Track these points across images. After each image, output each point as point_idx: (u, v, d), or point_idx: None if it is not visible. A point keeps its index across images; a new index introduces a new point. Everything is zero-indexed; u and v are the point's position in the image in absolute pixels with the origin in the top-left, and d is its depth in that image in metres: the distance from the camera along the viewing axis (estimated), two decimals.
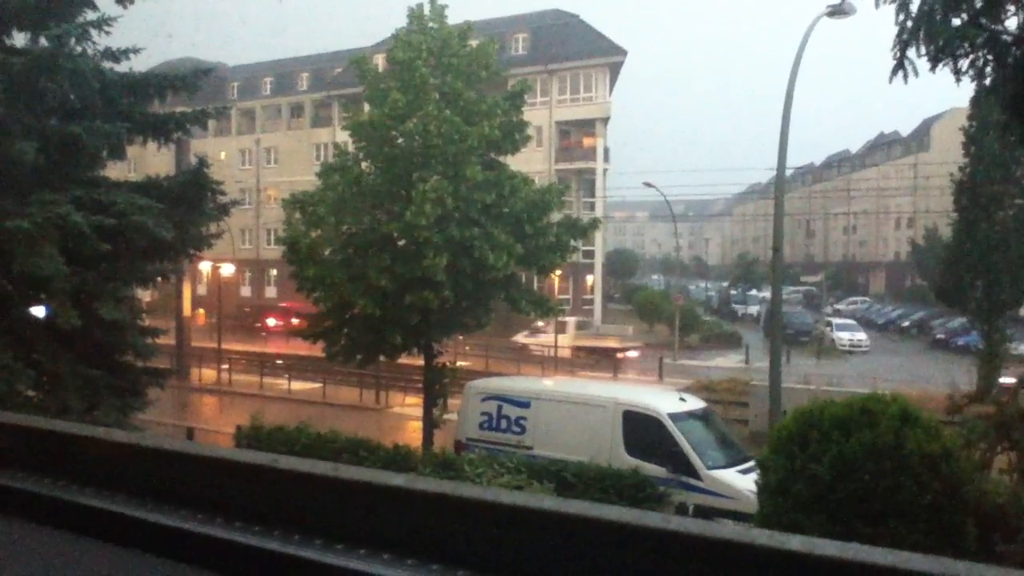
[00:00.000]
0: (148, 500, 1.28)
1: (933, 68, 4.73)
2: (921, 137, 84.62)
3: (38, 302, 13.69)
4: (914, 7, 4.75)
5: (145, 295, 23.94)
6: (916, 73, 4.82)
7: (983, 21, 4.64)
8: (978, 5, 4.60)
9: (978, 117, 27.92)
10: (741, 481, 12.55)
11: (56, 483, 1.39)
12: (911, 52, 4.78)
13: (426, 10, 19.20)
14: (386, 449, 14.73)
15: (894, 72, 4.81)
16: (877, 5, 4.76)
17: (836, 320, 53.09)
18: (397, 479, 1.09)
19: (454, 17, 19.57)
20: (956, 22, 4.69)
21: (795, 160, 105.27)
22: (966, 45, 4.64)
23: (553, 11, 61.12)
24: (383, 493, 1.09)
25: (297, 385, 32.22)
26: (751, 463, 12.62)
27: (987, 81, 4.91)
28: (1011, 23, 4.70)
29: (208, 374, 35.53)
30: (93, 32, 14.34)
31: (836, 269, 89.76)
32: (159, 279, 17.98)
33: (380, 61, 23.06)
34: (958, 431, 8.33)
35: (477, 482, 12.21)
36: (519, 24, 59.08)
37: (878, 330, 57.69)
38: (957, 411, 7.10)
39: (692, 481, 13.17)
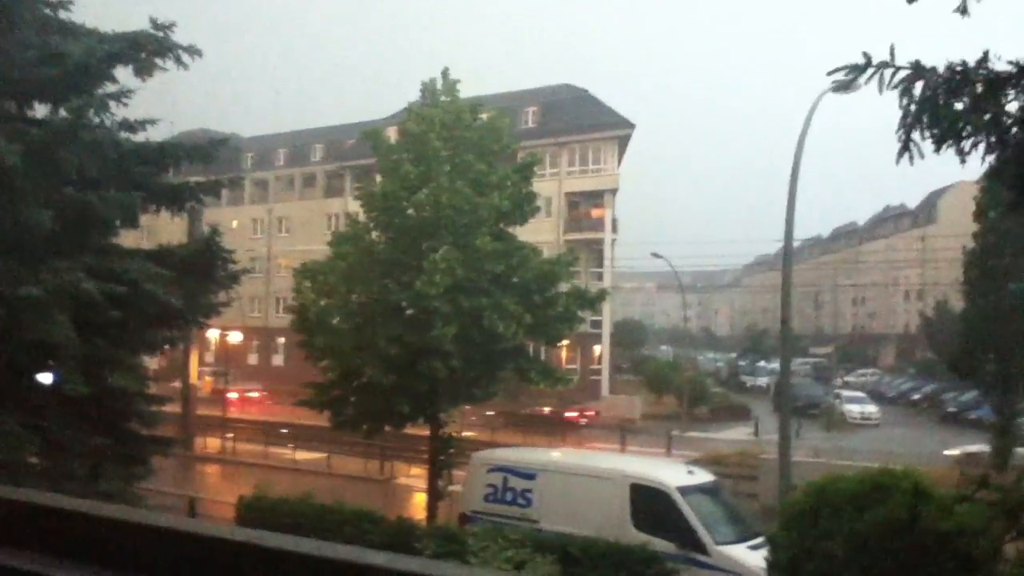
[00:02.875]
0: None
1: (937, 150, 4.85)
2: (928, 210, 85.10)
3: (46, 369, 13.71)
4: (917, 92, 4.89)
5: (151, 362, 23.96)
6: (922, 155, 4.94)
7: (984, 105, 4.77)
8: (979, 90, 4.73)
9: (988, 191, 28.02)
10: (751, 557, 12.29)
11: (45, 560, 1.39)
12: (915, 135, 4.90)
13: (439, 84, 19.60)
14: (390, 522, 14.53)
15: (900, 154, 4.94)
16: (881, 91, 4.90)
17: (846, 392, 52.57)
18: (378, 557, 1.10)
19: (466, 91, 19.97)
20: (958, 106, 4.82)
21: (803, 231, 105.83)
22: (969, 128, 4.76)
23: (563, 86, 62.30)
24: (363, 572, 1.11)
25: (302, 454, 31.94)
26: (761, 539, 12.39)
27: (991, 162, 5.04)
28: (1012, 106, 4.82)
29: (212, 442, 35.32)
30: (112, 103, 14.69)
31: (845, 341, 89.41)
32: (167, 347, 18.03)
33: (393, 133, 23.45)
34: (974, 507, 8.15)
35: (480, 555, 12.02)
36: (530, 98, 60.15)
37: (888, 403, 57.06)
38: (980, 488, 6.98)
39: (701, 557, 12.91)
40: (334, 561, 1.14)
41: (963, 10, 4.81)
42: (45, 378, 13.66)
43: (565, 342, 24.49)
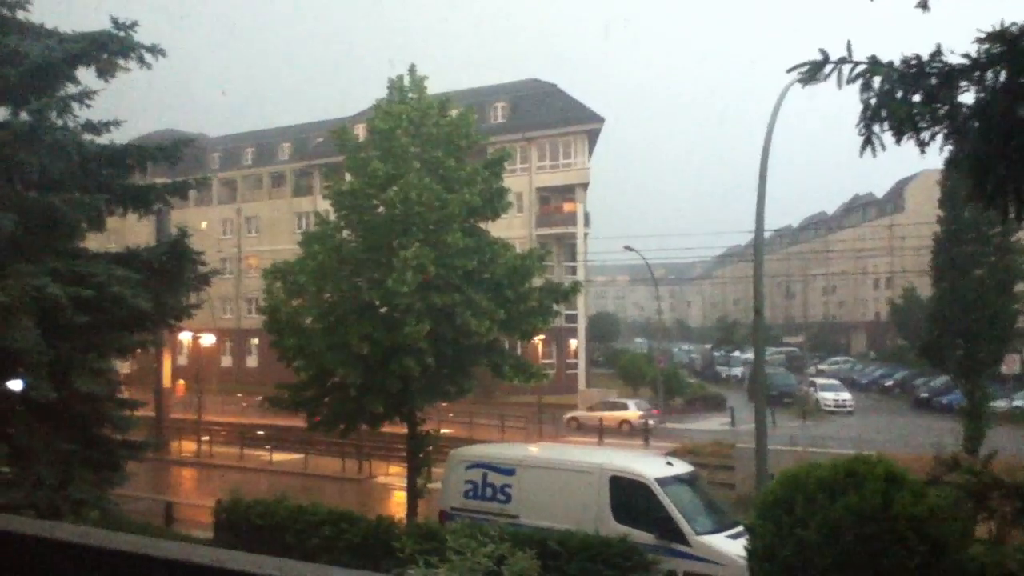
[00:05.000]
0: None
1: (898, 142, 4.94)
2: (895, 198, 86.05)
3: (13, 375, 13.48)
4: (876, 85, 4.96)
5: (123, 366, 23.66)
6: (884, 147, 5.03)
7: (939, 97, 4.86)
8: (934, 83, 4.80)
9: (950, 180, 28.31)
10: (730, 546, 12.35)
11: None
12: (876, 127, 4.98)
13: (406, 81, 19.47)
14: (368, 521, 14.43)
15: (863, 147, 5.02)
16: (840, 86, 4.98)
17: (820, 380, 53.09)
18: (337, 574, 1.06)
19: (434, 87, 19.86)
20: (916, 98, 4.91)
21: (773, 222, 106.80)
22: (927, 119, 4.84)
23: (532, 81, 62.27)
24: None
25: (278, 456, 31.75)
26: (739, 528, 12.45)
27: (949, 152, 5.14)
28: (967, 97, 4.92)
29: (187, 446, 35.01)
30: (75, 105, 14.44)
31: (817, 330, 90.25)
32: (138, 350, 17.79)
33: (361, 131, 23.31)
34: (945, 491, 8.24)
35: (460, 552, 11.97)
36: (498, 93, 60.08)
37: (861, 390, 57.72)
38: (946, 472, 7.05)
39: (681, 547, 12.95)
40: None
41: (924, 5, 4.86)
42: (11, 384, 13.43)
43: (540, 337, 24.46)
